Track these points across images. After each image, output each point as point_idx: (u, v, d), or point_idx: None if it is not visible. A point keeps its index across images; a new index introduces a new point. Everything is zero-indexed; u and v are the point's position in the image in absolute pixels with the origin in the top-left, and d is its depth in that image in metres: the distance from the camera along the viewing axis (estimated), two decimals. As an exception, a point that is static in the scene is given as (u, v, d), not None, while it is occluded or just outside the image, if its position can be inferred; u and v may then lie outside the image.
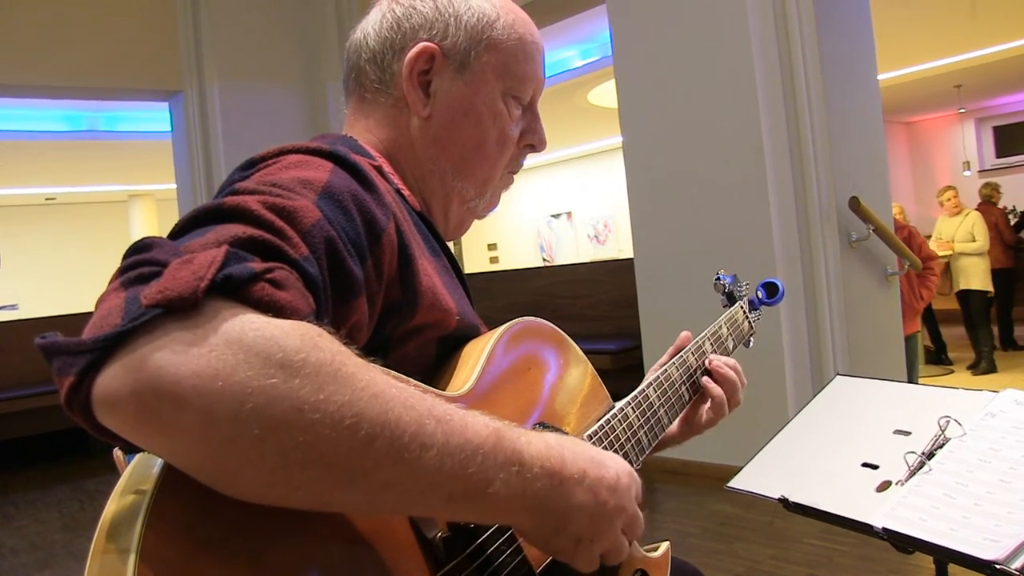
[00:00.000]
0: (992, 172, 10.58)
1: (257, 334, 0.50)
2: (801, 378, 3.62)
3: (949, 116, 11.13)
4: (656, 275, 4.01)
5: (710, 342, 1.19)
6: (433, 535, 0.66)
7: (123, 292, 0.50)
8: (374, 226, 0.69)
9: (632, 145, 4.09)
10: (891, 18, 6.05)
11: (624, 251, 10.54)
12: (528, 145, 0.98)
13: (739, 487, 1.20)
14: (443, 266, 0.86)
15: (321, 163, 0.70)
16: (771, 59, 3.59)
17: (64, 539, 3.91)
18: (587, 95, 8.42)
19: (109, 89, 5.45)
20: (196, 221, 0.59)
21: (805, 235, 3.62)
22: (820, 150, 3.59)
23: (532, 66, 0.93)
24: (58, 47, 5.03)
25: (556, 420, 0.86)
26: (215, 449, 0.48)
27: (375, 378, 0.54)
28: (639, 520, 0.73)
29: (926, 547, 0.93)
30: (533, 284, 6.14)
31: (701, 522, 3.26)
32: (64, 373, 0.48)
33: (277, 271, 0.55)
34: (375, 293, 0.70)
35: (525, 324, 0.87)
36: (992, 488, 0.96)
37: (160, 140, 7.20)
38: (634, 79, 4.02)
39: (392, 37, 0.89)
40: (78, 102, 6.78)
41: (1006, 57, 8.03)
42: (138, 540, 0.48)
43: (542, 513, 0.64)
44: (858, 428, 1.21)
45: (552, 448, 0.65)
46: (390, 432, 0.53)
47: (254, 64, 5.57)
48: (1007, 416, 1.07)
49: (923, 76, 8.64)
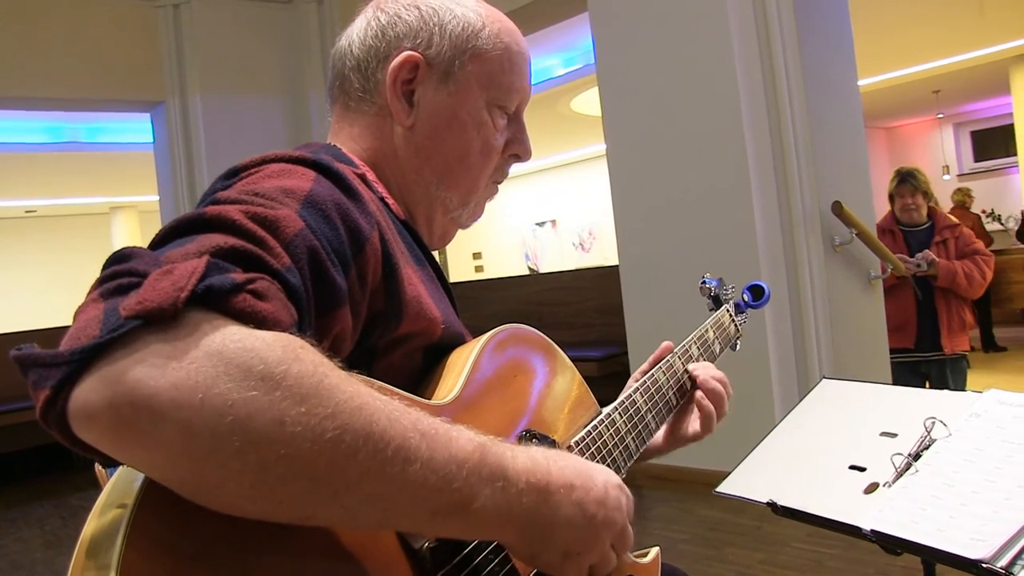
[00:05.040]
0: (970, 176, 10.72)
1: (237, 346, 0.49)
2: (787, 382, 3.63)
3: (928, 121, 11.28)
4: (641, 282, 4.02)
5: (696, 345, 1.19)
6: (420, 545, 0.65)
7: (102, 303, 0.50)
8: (358, 235, 0.69)
9: (616, 152, 4.10)
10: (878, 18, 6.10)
11: (609, 258, 10.56)
12: (513, 155, 0.97)
13: (727, 492, 1.20)
14: (428, 275, 0.86)
15: (304, 172, 0.69)
16: (753, 66, 3.62)
17: (45, 557, 3.85)
18: (570, 103, 8.45)
19: (90, 100, 5.42)
20: (177, 231, 0.59)
21: (789, 240, 3.65)
22: (802, 155, 3.63)
23: (517, 76, 0.93)
24: (38, 58, 4.99)
25: (543, 427, 0.86)
26: (195, 462, 0.47)
27: (358, 390, 0.54)
28: (628, 535, 0.72)
29: (914, 548, 0.93)
30: (519, 292, 6.14)
31: (690, 528, 3.26)
32: (40, 386, 0.47)
33: (259, 282, 0.54)
34: (359, 302, 0.69)
35: (511, 331, 0.87)
36: (978, 488, 0.96)
37: (142, 151, 7.15)
38: (617, 86, 4.04)
39: (376, 45, 0.89)
40: (59, 113, 6.73)
41: (982, 63, 8.14)
42: (118, 557, 0.47)
43: (528, 528, 0.63)
44: (845, 431, 1.21)
45: (538, 463, 0.65)
46: (373, 445, 0.52)
47: (236, 75, 5.55)
48: (991, 416, 1.08)
49: (902, 82, 8.74)
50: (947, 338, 3.63)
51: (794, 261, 3.65)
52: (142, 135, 6.43)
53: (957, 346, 3.65)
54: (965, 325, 3.70)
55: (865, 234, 3.60)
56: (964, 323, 3.69)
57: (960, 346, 3.65)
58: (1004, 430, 1.05)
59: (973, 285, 3.59)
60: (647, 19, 3.84)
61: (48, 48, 5.02)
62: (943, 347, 3.63)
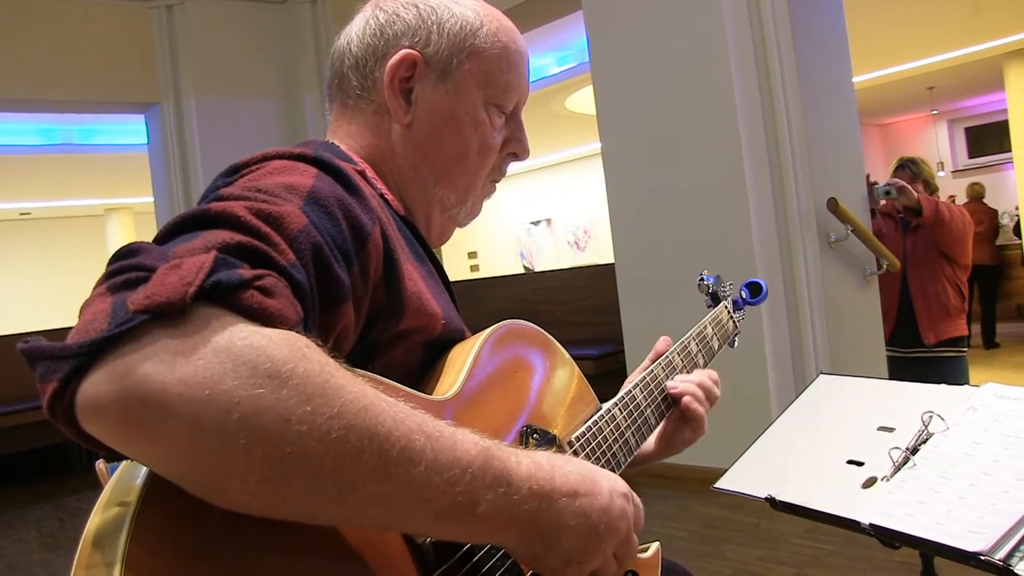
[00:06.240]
0: (965, 172, 10.75)
1: (245, 343, 0.49)
2: (783, 378, 3.64)
3: (922, 118, 11.31)
4: (637, 280, 4.03)
5: (695, 342, 1.19)
6: (423, 540, 0.65)
7: (110, 297, 0.50)
8: (360, 231, 0.69)
9: (611, 151, 4.11)
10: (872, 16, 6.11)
11: (604, 257, 10.57)
12: (511, 154, 0.98)
13: (726, 487, 1.20)
14: (428, 271, 0.86)
15: (306, 168, 0.70)
16: (748, 64, 3.63)
17: (43, 559, 3.84)
18: (564, 102, 8.45)
19: (84, 102, 5.41)
20: (182, 227, 0.59)
21: (784, 236, 3.66)
22: (798, 152, 3.64)
23: (515, 75, 0.93)
24: (31, 60, 4.97)
25: (544, 422, 0.86)
26: (200, 458, 0.47)
27: (364, 390, 0.54)
28: (632, 543, 0.72)
29: (913, 541, 0.94)
30: (514, 291, 6.15)
31: (687, 525, 3.27)
32: (47, 379, 0.47)
33: (266, 278, 0.54)
34: (361, 298, 0.70)
35: (511, 327, 0.87)
36: (975, 481, 0.97)
37: (137, 153, 7.13)
38: (612, 85, 4.05)
39: (375, 44, 0.89)
40: (53, 115, 6.71)
41: (976, 59, 8.17)
42: (123, 552, 0.47)
43: (530, 533, 0.63)
44: (842, 426, 1.22)
45: (543, 468, 0.65)
46: (378, 446, 0.52)
47: (231, 76, 5.54)
48: (988, 410, 1.09)
49: (896, 78, 8.76)
50: (928, 326, 3.45)
51: (790, 258, 3.66)
52: (136, 137, 6.41)
53: (943, 333, 3.42)
54: (949, 309, 3.43)
55: (860, 230, 3.61)
56: (947, 307, 3.43)
57: (947, 332, 3.41)
58: (1001, 424, 1.05)
59: (955, 222, 3.36)
60: (641, 17, 3.85)
61: (41, 50, 5.00)
62: (924, 338, 3.46)
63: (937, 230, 3.39)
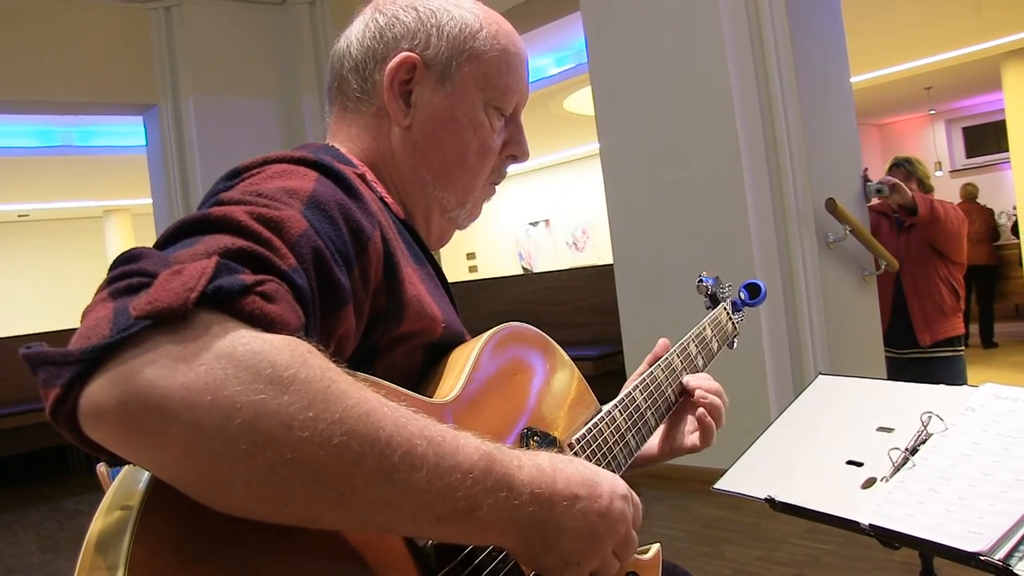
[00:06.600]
0: (963, 172, 10.76)
1: (247, 348, 0.49)
2: (782, 379, 3.64)
3: (920, 118, 11.32)
4: (636, 280, 4.03)
5: (695, 343, 1.20)
6: (424, 543, 0.65)
7: (111, 303, 0.50)
8: (360, 235, 0.69)
9: (609, 151, 4.11)
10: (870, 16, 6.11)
11: (603, 257, 10.58)
12: (511, 156, 0.98)
13: (725, 488, 1.20)
14: (428, 274, 0.86)
15: (306, 172, 0.70)
16: (746, 64, 3.63)
17: (42, 561, 3.83)
18: (563, 103, 8.45)
19: (83, 103, 5.40)
20: (183, 231, 0.59)
21: (783, 237, 3.66)
22: (796, 153, 3.64)
23: (514, 78, 0.93)
24: (29, 61, 4.97)
25: (544, 425, 0.86)
26: (202, 463, 0.48)
27: (365, 396, 0.54)
28: (631, 542, 0.73)
29: (912, 542, 0.94)
30: (513, 292, 6.15)
31: (687, 526, 3.27)
32: (50, 384, 0.47)
33: (267, 283, 0.54)
34: (362, 302, 0.70)
35: (511, 329, 0.87)
36: (975, 481, 0.97)
37: (135, 154, 7.13)
38: (610, 85, 4.05)
39: (374, 46, 0.89)
40: (51, 117, 6.70)
41: (974, 59, 8.17)
42: (126, 555, 0.48)
43: (530, 536, 0.63)
44: (842, 426, 1.22)
45: (545, 472, 0.65)
46: (379, 451, 0.52)
47: (229, 77, 5.54)
48: (987, 410, 1.09)
49: (894, 79, 8.77)
50: (923, 327, 3.43)
51: (788, 258, 3.66)
52: (135, 138, 6.40)
53: (939, 333, 3.39)
54: (944, 309, 3.40)
55: (859, 231, 3.61)
56: (942, 307, 3.40)
57: (943, 332, 3.38)
58: (1000, 424, 1.05)
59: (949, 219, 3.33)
60: (640, 18, 3.85)
61: (39, 51, 5.00)
62: (920, 340, 3.45)
63: (932, 228, 3.39)
